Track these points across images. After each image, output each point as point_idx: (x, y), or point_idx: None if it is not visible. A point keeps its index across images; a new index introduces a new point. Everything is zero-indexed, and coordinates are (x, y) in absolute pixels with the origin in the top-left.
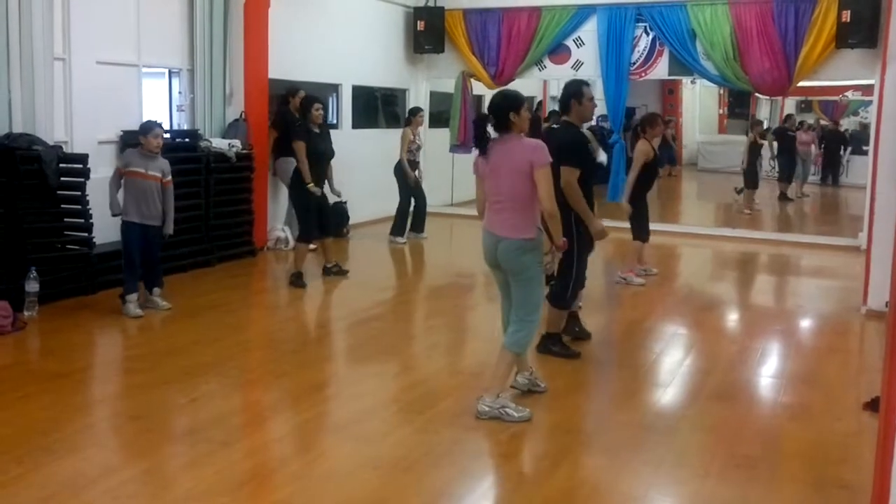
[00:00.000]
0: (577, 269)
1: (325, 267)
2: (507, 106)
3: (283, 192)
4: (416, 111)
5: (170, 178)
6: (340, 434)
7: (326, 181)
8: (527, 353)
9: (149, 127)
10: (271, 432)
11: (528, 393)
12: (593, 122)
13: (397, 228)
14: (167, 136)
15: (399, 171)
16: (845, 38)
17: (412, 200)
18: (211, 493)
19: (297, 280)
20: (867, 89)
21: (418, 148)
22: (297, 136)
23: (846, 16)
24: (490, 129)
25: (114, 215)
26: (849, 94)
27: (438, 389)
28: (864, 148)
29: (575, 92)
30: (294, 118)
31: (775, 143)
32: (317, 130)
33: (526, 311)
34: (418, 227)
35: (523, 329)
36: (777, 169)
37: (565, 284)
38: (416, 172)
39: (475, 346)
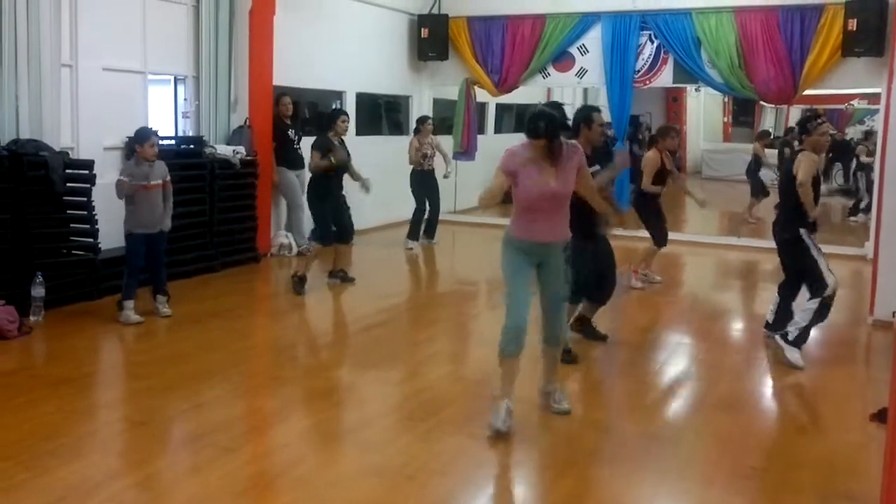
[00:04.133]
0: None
1: (330, 271)
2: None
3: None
4: (423, 120)
5: (169, 177)
6: (344, 441)
7: (351, 176)
8: (547, 364)
9: (145, 135)
10: (275, 438)
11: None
12: None
13: (411, 234)
14: (172, 142)
15: (412, 178)
16: (851, 46)
17: (426, 207)
18: (215, 499)
19: (298, 285)
20: (873, 98)
21: (424, 156)
22: (313, 147)
23: (852, 24)
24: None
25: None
26: (854, 102)
27: (442, 397)
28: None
29: (584, 118)
30: (285, 125)
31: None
32: (336, 142)
33: None
34: (430, 233)
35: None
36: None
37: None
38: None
39: (478, 354)
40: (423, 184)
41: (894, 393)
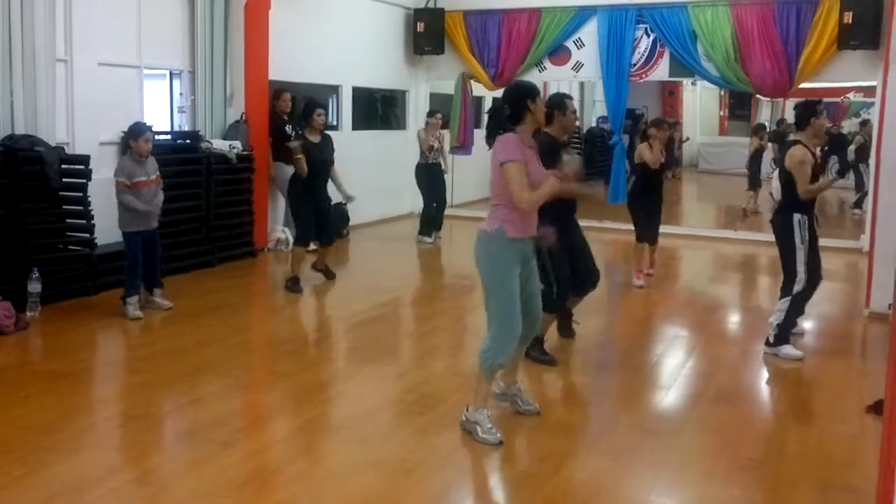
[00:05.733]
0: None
1: (313, 264)
2: (524, 94)
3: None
4: (431, 114)
5: (159, 172)
6: (342, 435)
7: (336, 187)
8: (512, 364)
9: (139, 131)
10: (273, 433)
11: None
12: (594, 124)
13: (423, 229)
14: (168, 137)
15: (416, 172)
16: (847, 39)
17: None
18: (212, 494)
19: (293, 285)
20: (869, 91)
21: (430, 148)
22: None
23: (848, 17)
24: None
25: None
26: (850, 95)
27: (439, 391)
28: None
29: (558, 104)
30: (282, 121)
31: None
32: (316, 139)
33: (488, 325)
34: (436, 227)
35: (485, 346)
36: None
37: (563, 290)
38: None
39: (476, 348)
40: (426, 177)
41: (891, 385)
